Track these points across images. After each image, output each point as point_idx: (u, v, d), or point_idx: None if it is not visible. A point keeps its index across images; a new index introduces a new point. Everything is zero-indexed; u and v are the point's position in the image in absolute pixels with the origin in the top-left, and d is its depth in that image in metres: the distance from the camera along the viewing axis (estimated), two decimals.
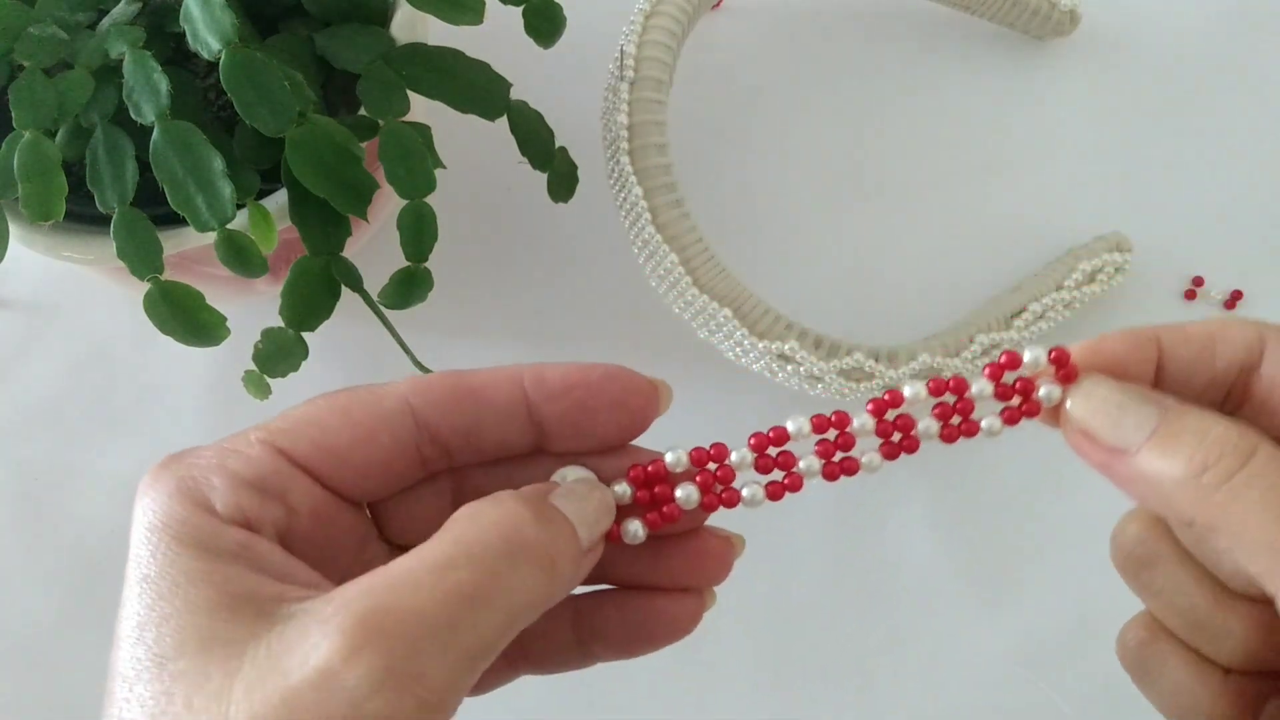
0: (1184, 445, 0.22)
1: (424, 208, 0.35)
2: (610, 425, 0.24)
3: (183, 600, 0.21)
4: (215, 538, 0.21)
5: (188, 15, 0.31)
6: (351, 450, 0.23)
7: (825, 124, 0.50)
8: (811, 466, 0.25)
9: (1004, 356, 0.24)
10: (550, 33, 0.38)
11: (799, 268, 0.49)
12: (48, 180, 0.32)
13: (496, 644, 0.21)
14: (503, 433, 0.24)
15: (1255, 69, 0.51)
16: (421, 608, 0.20)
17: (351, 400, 0.24)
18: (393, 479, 0.25)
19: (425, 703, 0.19)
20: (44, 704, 0.45)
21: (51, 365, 0.48)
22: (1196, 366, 0.24)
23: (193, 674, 0.20)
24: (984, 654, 0.45)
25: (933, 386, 0.25)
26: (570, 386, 0.24)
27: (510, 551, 0.21)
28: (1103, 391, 0.24)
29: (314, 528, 0.23)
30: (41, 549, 0.46)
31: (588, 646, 0.26)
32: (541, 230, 0.49)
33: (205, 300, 0.34)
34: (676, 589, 0.26)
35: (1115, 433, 0.23)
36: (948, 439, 0.25)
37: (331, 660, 0.19)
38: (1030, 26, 0.49)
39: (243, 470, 0.22)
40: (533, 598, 0.21)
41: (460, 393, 0.24)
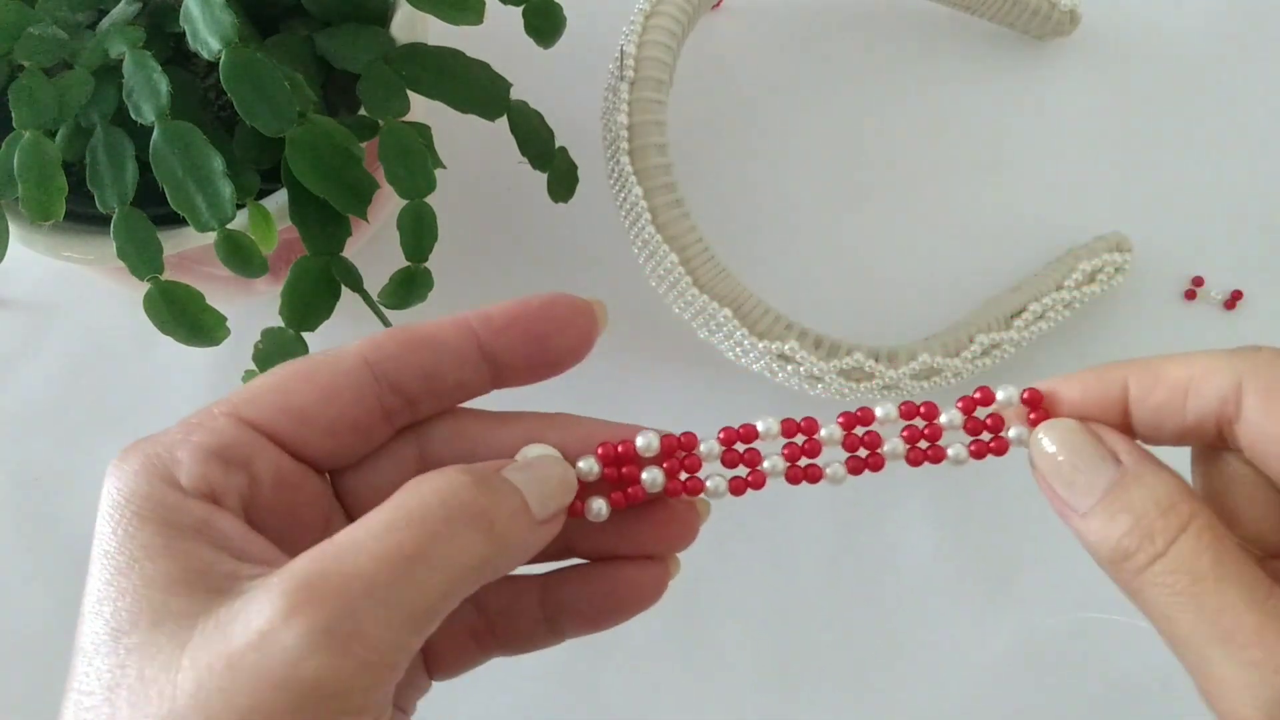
0: (1118, 524, 0.22)
1: (424, 208, 0.35)
2: (558, 348, 0.25)
3: (139, 575, 0.21)
4: (176, 513, 0.22)
5: (188, 15, 0.31)
6: (314, 409, 0.24)
7: (825, 124, 0.50)
8: (776, 467, 0.25)
9: (978, 392, 0.25)
10: (550, 33, 0.38)
11: (799, 268, 0.49)
12: (48, 180, 0.32)
13: (438, 605, 0.21)
14: (459, 373, 0.25)
15: (1255, 69, 0.51)
16: (360, 568, 0.20)
17: (309, 363, 0.24)
18: (359, 437, 0.25)
19: (366, 662, 0.19)
20: (44, 704, 0.45)
21: (51, 365, 0.48)
22: (1165, 415, 0.24)
23: (145, 646, 0.20)
24: (983, 653, 0.45)
25: (904, 409, 0.25)
26: (514, 318, 0.25)
27: (448, 514, 0.21)
28: (1060, 445, 0.24)
29: (278, 496, 0.24)
30: (41, 549, 0.46)
31: (555, 622, 0.26)
32: (541, 230, 0.49)
33: (205, 300, 0.34)
34: (641, 557, 0.26)
35: (1067, 491, 0.23)
36: (913, 462, 0.25)
37: (272, 621, 0.19)
38: (1030, 26, 0.49)
39: (207, 441, 0.23)
40: (472, 559, 0.21)
41: (413, 341, 0.24)
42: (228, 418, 0.23)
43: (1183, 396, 0.23)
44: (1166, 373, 0.24)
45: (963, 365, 0.43)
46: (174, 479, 0.22)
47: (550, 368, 0.25)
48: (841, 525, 0.46)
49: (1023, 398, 0.25)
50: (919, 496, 0.47)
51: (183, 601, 0.21)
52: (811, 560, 0.46)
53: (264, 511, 0.24)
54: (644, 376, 0.47)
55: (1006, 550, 0.46)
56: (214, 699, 0.19)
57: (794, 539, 0.46)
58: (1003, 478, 0.47)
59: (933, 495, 0.47)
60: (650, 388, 0.47)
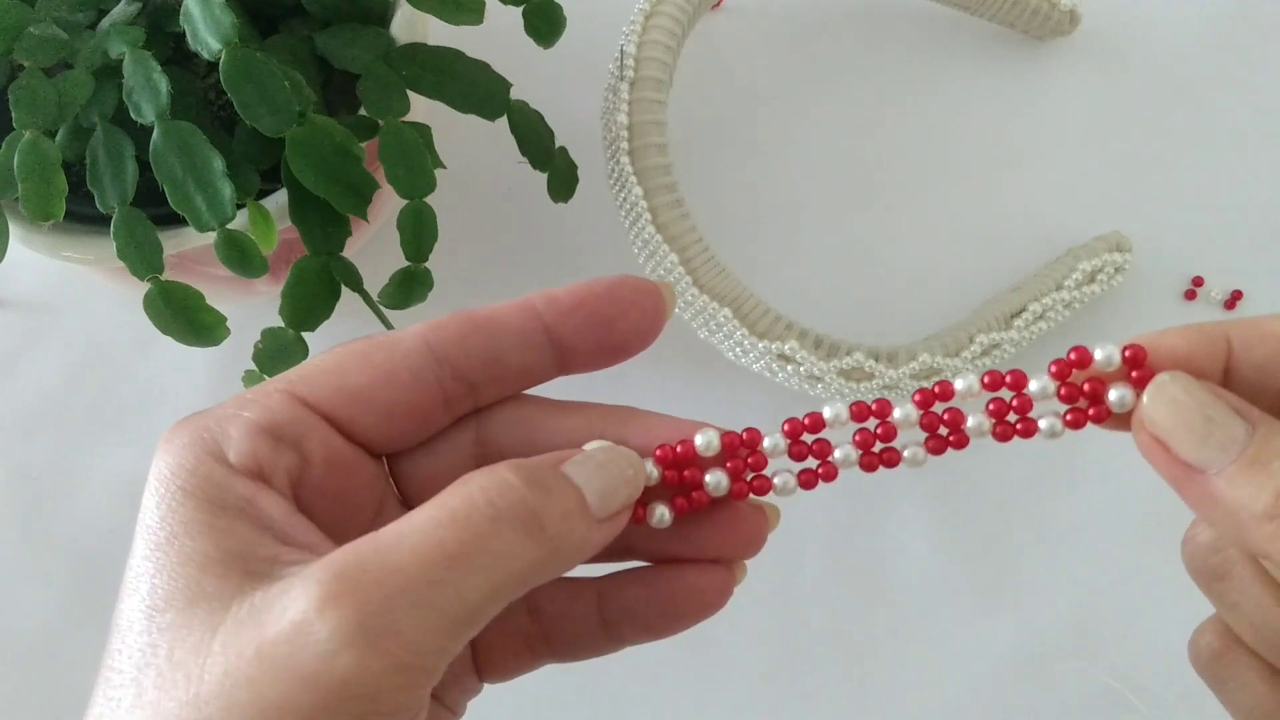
0: (1273, 475, 0.20)
1: (424, 208, 0.35)
2: (625, 331, 0.24)
3: (177, 552, 0.21)
4: (221, 489, 0.21)
5: (188, 15, 0.31)
6: (371, 391, 0.23)
7: (825, 124, 0.50)
8: (848, 456, 0.24)
9: (1072, 353, 0.22)
10: (550, 33, 0.38)
11: (799, 268, 0.49)
12: (48, 180, 0.32)
13: (481, 608, 0.20)
14: (522, 357, 0.24)
15: (1255, 69, 0.51)
16: (400, 564, 0.19)
17: (369, 345, 0.23)
18: (416, 421, 0.24)
19: (399, 663, 0.19)
20: (44, 704, 0.45)
21: (51, 365, 0.48)
22: (1272, 370, 0.22)
23: (178, 627, 0.20)
24: (983, 653, 0.45)
25: (988, 380, 0.23)
26: (581, 300, 0.24)
27: (495, 514, 0.20)
28: (1188, 398, 0.21)
29: (329, 478, 0.23)
30: (41, 549, 0.46)
31: (615, 628, 0.25)
32: (541, 230, 0.49)
33: (205, 300, 0.34)
34: (705, 560, 0.25)
35: (1198, 451, 0.21)
36: (1002, 438, 0.23)
37: (306, 613, 0.19)
38: (1030, 26, 0.49)
39: (258, 418, 0.22)
40: (519, 563, 0.20)
41: (475, 324, 0.24)
42: (282, 394, 0.23)
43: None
44: (1270, 327, 0.22)
45: (963, 365, 0.43)
46: (222, 454, 0.22)
47: (616, 352, 0.24)
48: (842, 525, 0.46)
49: (1124, 356, 0.22)
50: (919, 496, 0.47)
51: (219, 582, 0.20)
52: (812, 559, 0.46)
53: (314, 493, 0.23)
54: (644, 376, 0.47)
55: (1006, 550, 0.46)
56: (240, 688, 0.18)
57: (794, 539, 0.46)
58: (1003, 477, 0.47)
59: (933, 496, 0.47)
60: (650, 388, 0.47)
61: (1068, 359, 0.22)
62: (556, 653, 0.26)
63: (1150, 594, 0.45)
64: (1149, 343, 0.22)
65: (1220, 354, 0.22)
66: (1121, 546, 0.46)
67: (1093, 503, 0.47)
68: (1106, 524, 0.47)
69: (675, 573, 0.25)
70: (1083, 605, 0.46)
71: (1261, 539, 0.21)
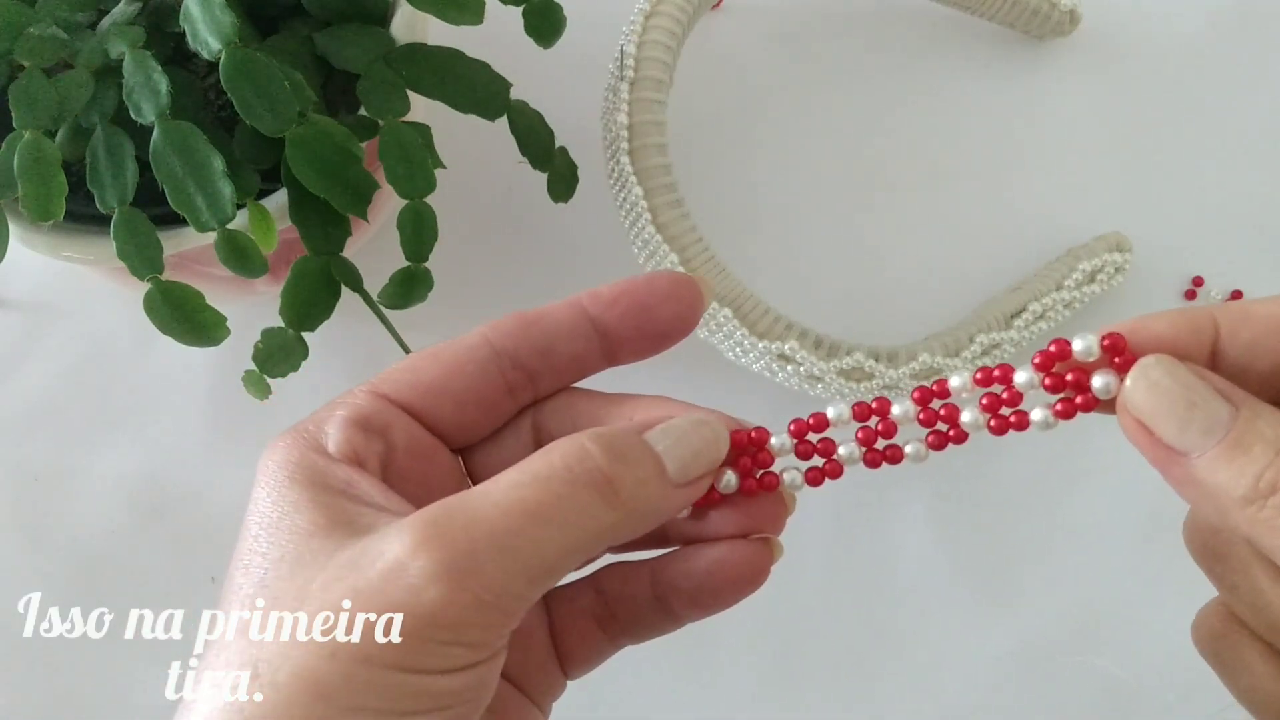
0: (1254, 460, 0.21)
1: (424, 208, 0.35)
2: (665, 318, 0.26)
3: (288, 528, 0.23)
4: (324, 475, 0.24)
5: (188, 15, 0.31)
6: (441, 383, 0.26)
7: (825, 124, 0.50)
8: (853, 454, 0.25)
9: (1053, 345, 0.23)
10: (550, 33, 0.38)
11: (799, 268, 0.49)
12: (48, 180, 0.32)
13: (557, 561, 0.22)
14: (573, 347, 0.26)
15: (1255, 69, 0.51)
16: (486, 515, 0.21)
17: (437, 346, 0.26)
18: (484, 410, 0.26)
19: (481, 601, 0.21)
20: (44, 704, 0.45)
21: (51, 365, 0.48)
22: (1259, 351, 0.22)
23: (285, 581, 0.22)
24: (983, 654, 0.45)
25: (979, 377, 0.24)
26: (623, 292, 0.26)
27: (572, 478, 0.22)
28: (1171, 381, 0.21)
29: (413, 465, 0.25)
30: (41, 549, 0.46)
31: (666, 603, 0.26)
32: (541, 230, 0.49)
33: (205, 300, 0.34)
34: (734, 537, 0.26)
35: (1180, 434, 0.21)
36: (997, 431, 0.24)
37: (400, 555, 0.21)
38: (1030, 26, 0.49)
39: (349, 413, 0.25)
40: (594, 523, 0.22)
41: (528, 320, 0.26)
42: (366, 393, 0.26)
43: (1277, 331, 0.22)
44: (1256, 310, 0.22)
45: (963, 365, 0.43)
46: (322, 447, 0.24)
47: (660, 339, 0.27)
48: (842, 526, 0.46)
49: (1103, 344, 0.22)
50: (920, 498, 0.47)
51: (324, 542, 0.22)
52: (813, 560, 0.46)
53: (400, 479, 0.25)
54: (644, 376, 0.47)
55: (1007, 550, 0.46)
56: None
57: (794, 539, 0.46)
58: (1003, 479, 0.47)
59: (933, 497, 0.47)
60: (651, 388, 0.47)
61: (1048, 350, 0.23)
62: (625, 631, 0.27)
63: (1151, 594, 0.45)
64: (1136, 327, 0.22)
65: (1206, 337, 0.22)
66: (1122, 547, 0.46)
67: (1093, 503, 0.47)
68: (1107, 524, 0.47)
69: (711, 548, 0.26)
70: (1083, 605, 0.46)
71: (1242, 522, 0.21)
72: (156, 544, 0.46)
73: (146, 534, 0.46)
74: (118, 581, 0.45)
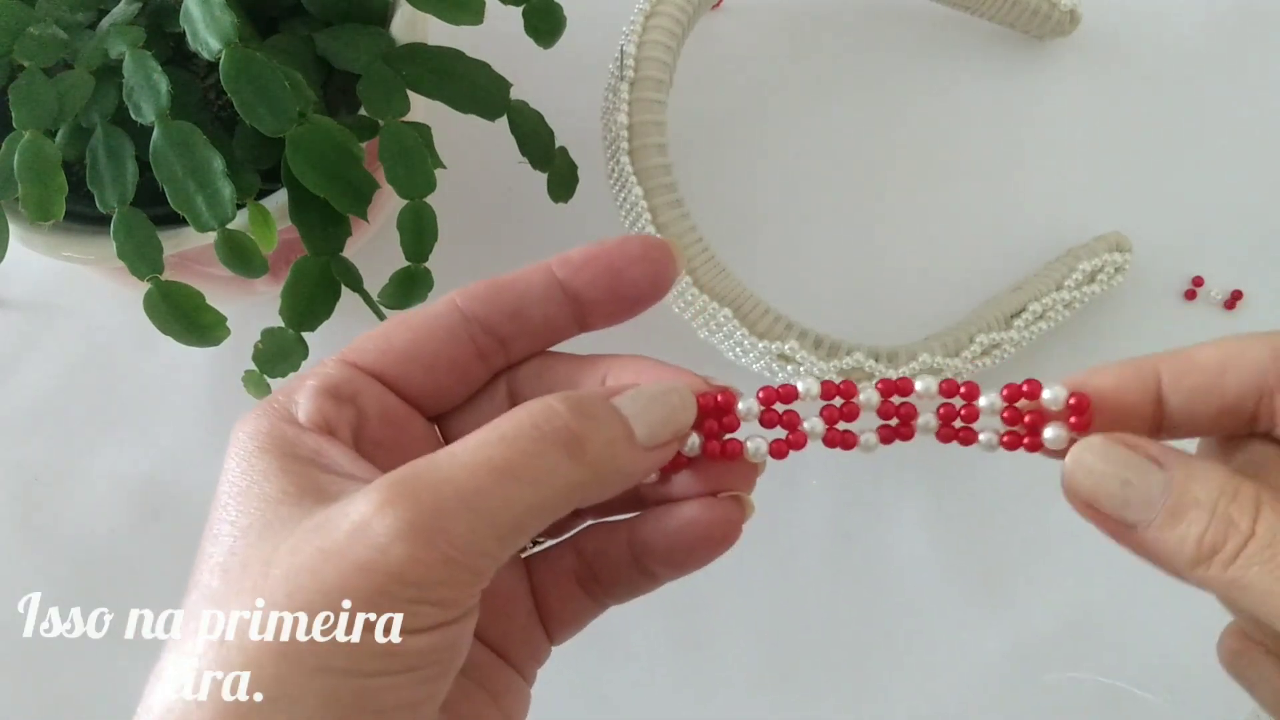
0: (1192, 525, 0.22)
1: (424, 208, 0.35)
2: (637, 281, 0.26)
3: (256, 495, 0.23)
4: (293, 444, 0.24)
5: (188, 15, 0.31)
6: (412, 349, 0.26)
7: (825, 124, 0.50)
8: (815, 429, 0.25)
9: (1026, 385, 0.24)
10: (550, 33, 0.38)
11: (799, 268, 0.49)
12: (48, 180, 0.32)
13: (524, 521, 0.22)
14: (544, 311, 0.26)
15: (1255, 69, 0.51)
16: (451, 474, 0.21)
17: (407, 312, 0.27)
18: (456, 375, 0.26)
19: (448, 558, 0.21)
20: (44, 704, 0.45)
21: (51, 365, 0.48)
22: (1204, 396, 0.24)
23: (251, 547, 0.22)
24: (982, 654, 0.45)
25: (944, 386, 0.25)
26: (593, 256, 0.26)
27: (540, 435, 0.22)
28: (1104, 465, 0.23)
29: (385, 432, 0.26)
30: (41, 549, 0.46)
31: (644, 564, 0.26)
32: (541, 230, 0.49)
33: (205, 300, 0.34)
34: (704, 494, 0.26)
35: (1122, 511, 0.23)
36: (943, 439, 0.25)
37: (365, 514, 0.21)
38: (1030, 26, 0.49)
39: (320, 382, 0.25)
40: (561, 481, 0.22)
41: (498, 285, 0.26)
42: (336, 362, 0.26)
43: (1218, 376, 0.23)
44: (1199, 356, 0.24)
45: (963, 365, 0.43)
46: (292, 417, 0.24)
47: (630, 303, 0.26)
48: (840, 526, 0.46)
49: (1069, 402, 0.24)
50: (919, 498, 0.47)
51: (292, 509, 0.22)
52: (810, 561, 0.46)
53: (373, 446, 0.25)
54: None
55: (1003, 552, 0.46)
56: (302, 577, 0.20)
57: (793, 540, 0.46)
58: (1002, 479, 0.47)
59: (932, 497, 0.47)
60: None
61: (1018, 386, 0.24)
62: (607, 592, 0.27)
63: (1146, 597, 0.45)
64: (1084, 379, 0.24)
65: (1150, 386, 0.24)
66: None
67: None
68: None
69: (682, 506, 0.26)
70: (1079, 607, 0.46)
71: (1197, 581, 0.22)
72: (156, 544, 0.46)
73: (146, 534, 0.46)
74: (118, 581, 0.45)
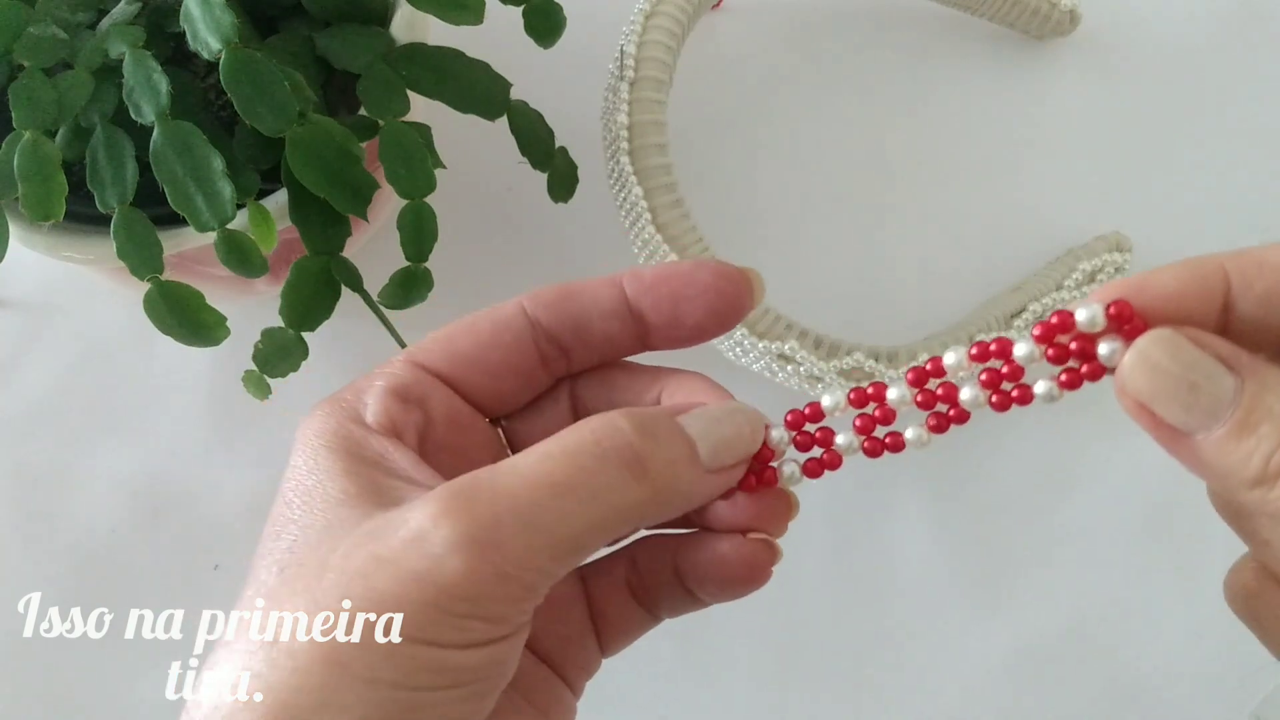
0: (1263, 440, 0.19)
1: (424, 208, 0.35)
2: (703, 310, 0.26)
3: (321, 495, 0.23)
4: (359, 445, 0.24)
5: (188, 15, 0.31)
6: (477, 353, 0.26)
7: (825, 124, 0.50)
8: (851, 443, 0.24)
9: (1055, 316, 0.21)
10: (550, 33, 0.38)
11: (799, 268, 0.49)
12: (48, 180, 0.32)
13: (581, 539, 0.21)
14: (607, 325, 0.26)
15: (1255, 69, 0.51)
16: (511, 487, 0.21)
17: (474, 315, 0.26)
18: (519, 380, 0.26)
19: (503, 573, 0.20)
20: (44, 704, 0.45)
21: (51, 365, 0.48)
22: (1274, 302, 0.21)
23: (310, 549, 0.22)
24: (982, 655, 0.45)
25: (976, 352, 0.22)
26: (662, 279, 0.26)
27: (601, 453, 0.22)
28: (1171, 363, 0.20)
29: (451, 436, 0.26)
30: (41, 549, 0.46)
31: (685, 584, 0.26)
32: (541, 230, 0.49)
33: (205, 300, 0.34)
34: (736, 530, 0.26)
35: (1184, 417, 0.20)
36: (1000, 407, 0.22)
37: (423, 524, 0.21)
38: (1030, 26, 0.49)
39: (388, 383, 0.25)
40: (622, 500, 0.22)
41: (567, 293, 0.26)
42: (405, 363, 0.26)
43: None
44: (1270, 257, 0.21)
45: None
46: (360, 418, 0.24)
47: (692, 332, 0.26)
48: (841, 527, 0.46)
49: (1108, 313, 0.21)
50: (919, 499, 0.47)
51: (352, 512, 0.22)
52: (811, 562, 0.46)
53: (438, 449, 0.25)
54: None
55: (1006, 552, 0.46)
56: (354, 583, 0.20)
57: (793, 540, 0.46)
58: (1002, 480, 0.47)
59: (932, 498, 0.47)
60: None
61: (1049, 322, 0.22)
62: (657, 605, 0.27)
63: (1150, 596, 0.45)
64: (1141, 285, 0.21)
65: (1217, 290, 0.21)
66: (1121, 548, 0.46)
67: (1092, 505, 0.47)
68: (1106, 526, 0.47)
69: (715, 541, 0.26)
70: (1082, 607, 0.46)
71: (1253, 503, 0.20)
72: (156, 544, 0.46)
73: (146, 534, 0.46)
74: (118, 581, 0.45)
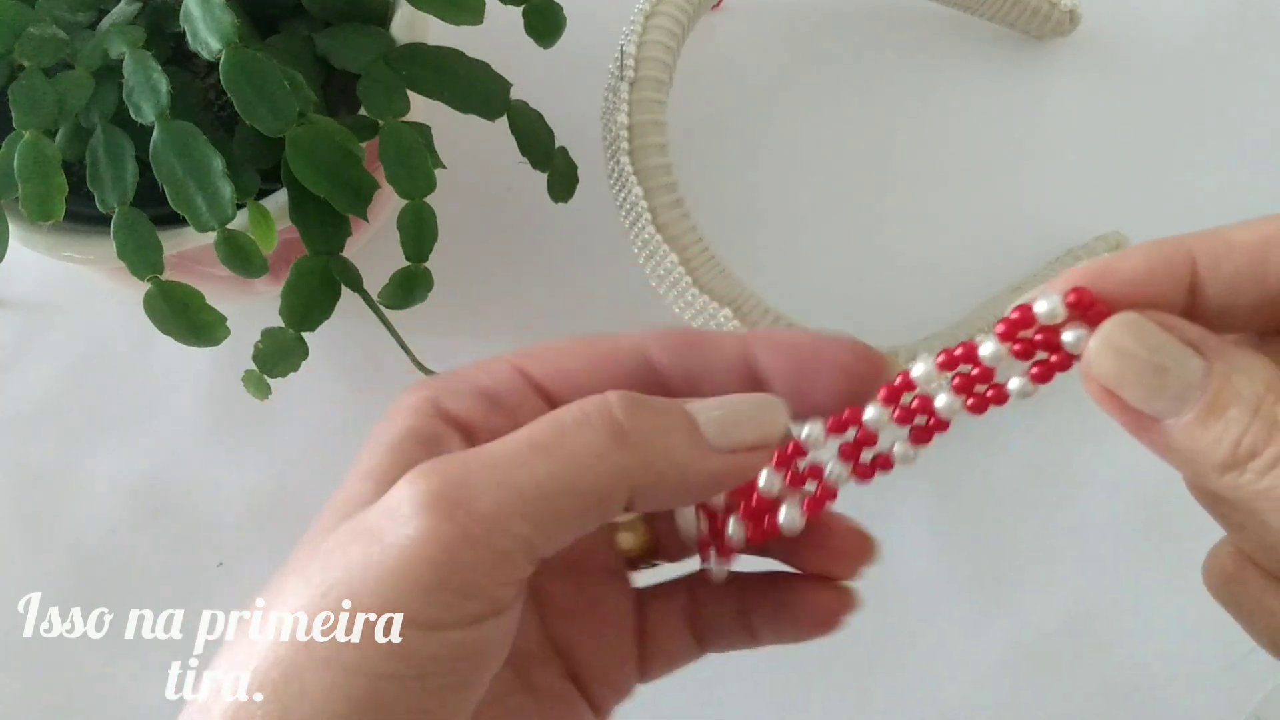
0: (1231, 424, 0.19)
1: (424, 208, 0.35)
2: (830, 388, 0.24)
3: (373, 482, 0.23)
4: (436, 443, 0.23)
5: (188, 15, 0.31)
6: (584, 376, 0.25)
7: (825, 124, 0.50)
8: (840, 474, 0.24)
9: (1016, 311, 0.21)
10: (550, 33, 0.38)
11: (799, 267, 0.49)
12: (48, 180, 0.32)
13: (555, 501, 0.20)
14: (723, 380, 0.24)
15: (1255, 69, 0.51)
16: (489, 452, 0.21)
17: (593, 338, 0.25)
18: None
19: (469, 533, 0.20)
20: (44, 704, 0.45)
21: (51, 365, 0.48)
22: (1241, 284, 0.21)
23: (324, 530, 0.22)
24: (980, 652, 0.45)
25: (942, 361, 0.22)
26: (794, 346, 0.24)
27: (584, 415, 0.21)
28: (1137, 346, 0.20)
29: None
30: (41, 549, 0.46)
31: (748, 619, 0.26)
32: (541, 230, 0.49)
33: (205, 300, 0.34)
34: (815, 575, 0.25)
35: (1151, 402, 0.20)
36: (976, 409, 0.22)
37: (398, 489, 0.20)
38: (1030, 26, 0.49)
39: (483, 383, 0.24)
40: (598, 461, 0.21)
41: (692, 340, 0.25)
42: (511, 368, 0.25)
43: (1261, 259, 0.21)
44: (1237, 238, 0.21)
45: None
46: (445, 412, 0.24)
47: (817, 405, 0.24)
48: None
49: (1068, 301, 0.20)
50: (918, 500, 0.47)
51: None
52: None
53: None
54: None
55: (1005, 552, 0.46)
56: (333, 555, 0.20)
57: None
58: (1001, 480, 0.47)
59: (932, 498, 0.47)
60: None
61: (1010, 318, 0.21)
62: (710, 637, 0.27)
63: (1148, 593, 0.45)
64: (1104, 271, 0.21)
65: (1183, 272, 0.21)
66: (1119, 548, 0.46)
67: (1091, 505, 0.47)
68: (1104, 526, 0.47)
69: (792, 581, 0.25)
70: (1081, 604, 0.46)
71: (1224, 488, 0.20)
72: (156, 544, 0.46)
73: (146, 534, 0.46)
74: (118, 581, 0.45)
